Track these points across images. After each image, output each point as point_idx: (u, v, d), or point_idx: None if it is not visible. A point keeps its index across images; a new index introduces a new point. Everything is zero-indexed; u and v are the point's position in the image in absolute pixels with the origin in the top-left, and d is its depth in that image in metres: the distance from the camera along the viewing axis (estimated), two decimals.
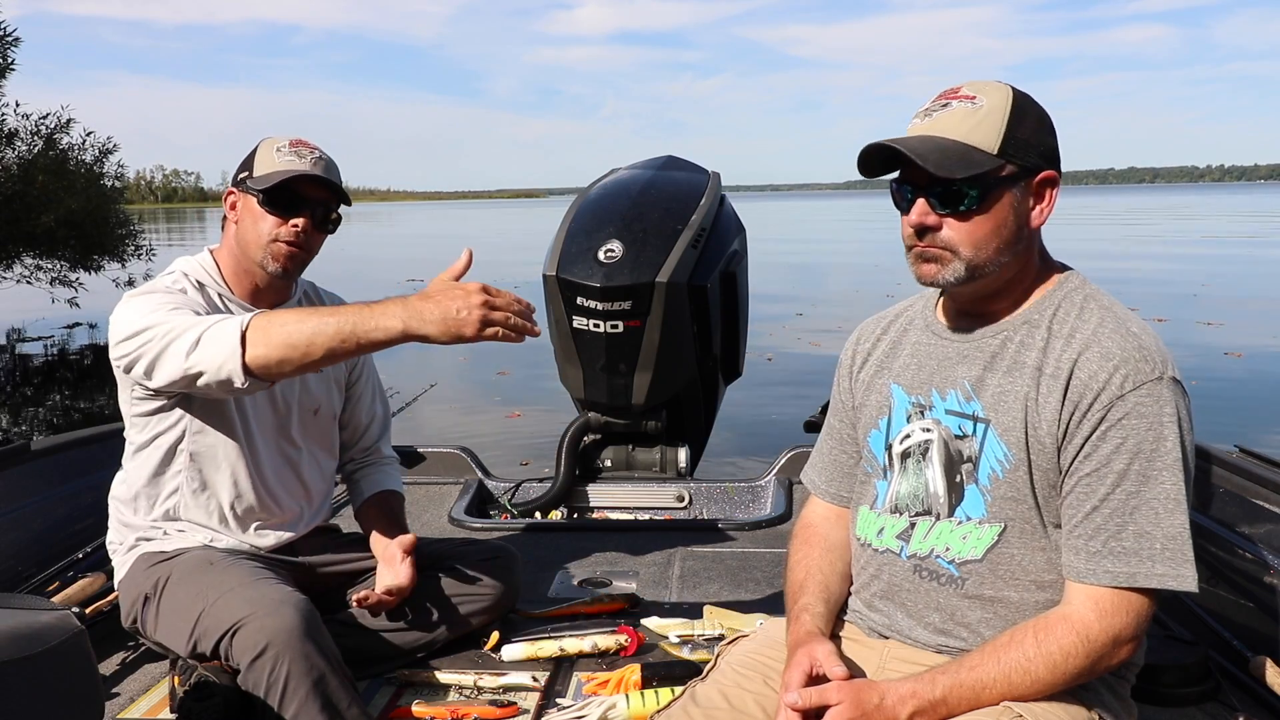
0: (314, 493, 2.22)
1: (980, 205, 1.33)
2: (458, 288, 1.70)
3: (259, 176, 2.00)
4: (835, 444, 1.63)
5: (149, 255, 14.48)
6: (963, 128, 1.33)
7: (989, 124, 1.33)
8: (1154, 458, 1.28)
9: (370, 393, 2.34)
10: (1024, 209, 1.36)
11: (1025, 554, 1.36)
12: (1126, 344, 1.31)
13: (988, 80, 1.38)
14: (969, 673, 1.29)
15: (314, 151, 2.05)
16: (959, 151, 1.32)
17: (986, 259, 1.35)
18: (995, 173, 1.33)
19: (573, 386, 3.50)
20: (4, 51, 12.36)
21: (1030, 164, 1.34)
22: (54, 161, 13.14)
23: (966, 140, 1.32)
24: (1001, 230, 1.35)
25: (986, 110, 1.33)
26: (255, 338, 1.73)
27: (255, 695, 1.71)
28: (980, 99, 1.34)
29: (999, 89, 1.36)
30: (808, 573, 1.55)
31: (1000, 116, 1.33)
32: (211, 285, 2.03)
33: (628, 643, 2.19)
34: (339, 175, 2.10)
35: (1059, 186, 1.37)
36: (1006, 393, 1.36)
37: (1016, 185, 1.34)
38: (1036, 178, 1.36)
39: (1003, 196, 1.34)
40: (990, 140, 1.32)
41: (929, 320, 1.51)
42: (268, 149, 2.04)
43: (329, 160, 2.07)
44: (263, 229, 2.00)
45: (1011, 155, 1.33)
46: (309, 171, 1.99)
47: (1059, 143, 1.39)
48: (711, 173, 3.63)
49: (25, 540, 2.42)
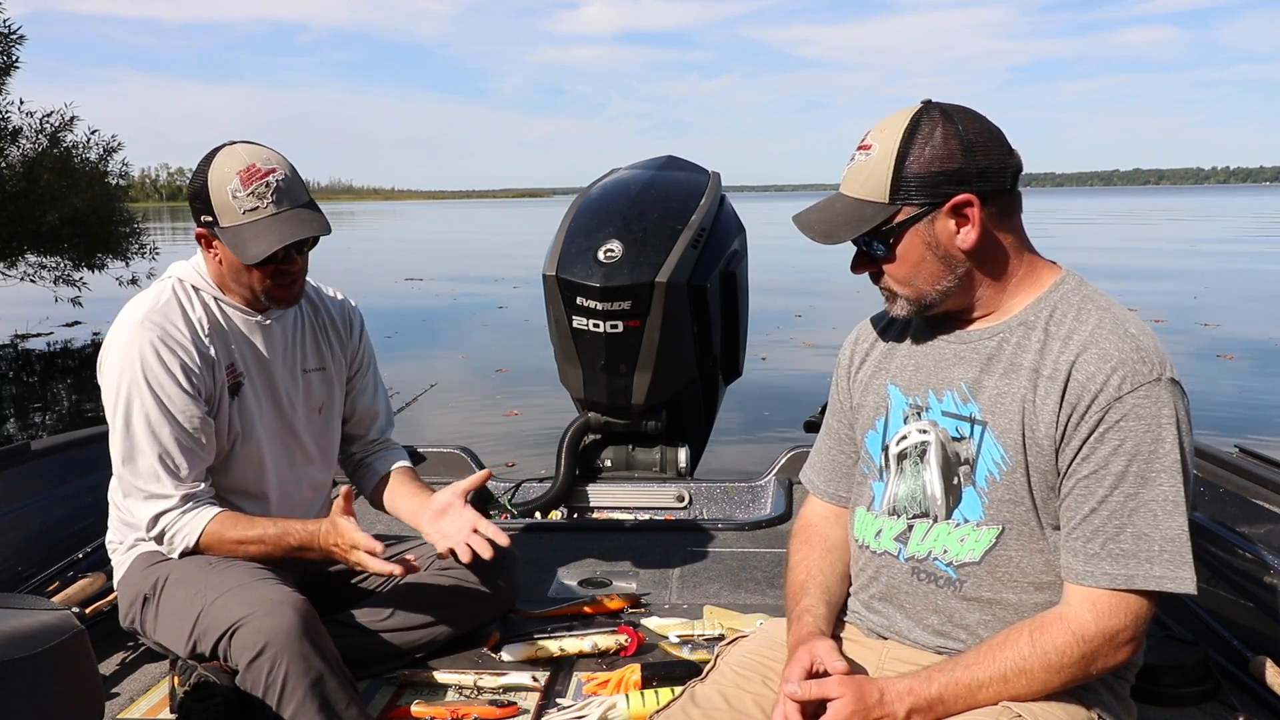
0: (316, 491, 2.23)
1: (888, 253, 1.39)
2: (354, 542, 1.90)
3: (228, 231, 1.90)
4: (834, 444, 1.63)
5: (153, 254, 14.47)
6: (856, 183, 1.39)
7: (877, 173, 1.36)
8: (1152, 459, 1.28)
9: (371, 387, 2.34)
10: (941, 240, 1.37)
11: (1023, 556, 1.36)
12: (1125, 345, 1.31)
13: (897, 114, 1.39)
14: (965, 671, 1.30)
15: (270, 183, 1.88)
16: (849, 212, 1.38)
17: (922, 293, 1.41)
18: (889, 220, 1.36)
19: (573, 386, 3.50)
20: (9, 49, 12.37)
21: (930, 198, 1.35)
22: (58, 159, 13.12)
23: (860, 196, 1.38)
24: (923, 266, 1.38)
25: (875, 160, 1.37)
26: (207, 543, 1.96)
27: (254, 695, 1.72)
28: (874, 148, 1.37)
29: (894, 128, 1.36)
30: (809, 574, 1.55)
31: (887, 164, 1.35)
32: (206, 289, 2.03)
33: (628, 643, 2.19)
34: (302, 184, 1.95)
35: (977, 205, 1.34)
36: (1004, 395, 1.36)
37: (920, 222, 1.36)
38: (946, 205, 1.35)
39: (909, 238, 1.37)
40: (878, 190, 1.36)
41: (926, 321, 1.50)
42: (221, 189, 1.88)
43: (288, 180, 1.91)
44: (254, 279, 1.98)
45: (905, 197, 1.35)
46: (285, 241, 1.88)
47: (994, 145, 1.35)
48: (712, 173, 3.63)
49: (25, 540, 2.42)
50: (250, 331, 2.06)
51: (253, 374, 2.06)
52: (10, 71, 12.56)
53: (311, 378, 2.17)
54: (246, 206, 1.88)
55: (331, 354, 2.22)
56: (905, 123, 1.36)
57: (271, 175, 1.90)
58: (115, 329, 1.97)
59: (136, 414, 1.91)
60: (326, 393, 2.21)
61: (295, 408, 2.14)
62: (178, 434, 1.93)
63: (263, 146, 1.94)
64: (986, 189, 1.35)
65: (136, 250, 14.26)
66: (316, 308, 2.23)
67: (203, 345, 1.97)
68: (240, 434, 2.04)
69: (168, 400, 1.91)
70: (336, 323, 2.25)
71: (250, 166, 1.89)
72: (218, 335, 2.01)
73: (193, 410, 1.94)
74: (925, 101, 1.39)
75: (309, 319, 2.20)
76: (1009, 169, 1.37)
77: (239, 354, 2.04)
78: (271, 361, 2.09)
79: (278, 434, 2.12)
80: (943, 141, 1.34)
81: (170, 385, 1.91)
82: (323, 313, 2.24)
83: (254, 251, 1.88)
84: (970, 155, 1.34)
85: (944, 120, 1.35)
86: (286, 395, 2.12)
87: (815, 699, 1.30)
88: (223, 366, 2.01)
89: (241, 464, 2.05)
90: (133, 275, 13.43)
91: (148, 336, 1.92)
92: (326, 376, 2.21)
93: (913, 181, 1.34)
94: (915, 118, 1.36)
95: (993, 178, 1.35)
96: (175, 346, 1.93)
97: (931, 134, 1.35)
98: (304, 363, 2.16)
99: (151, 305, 1.96)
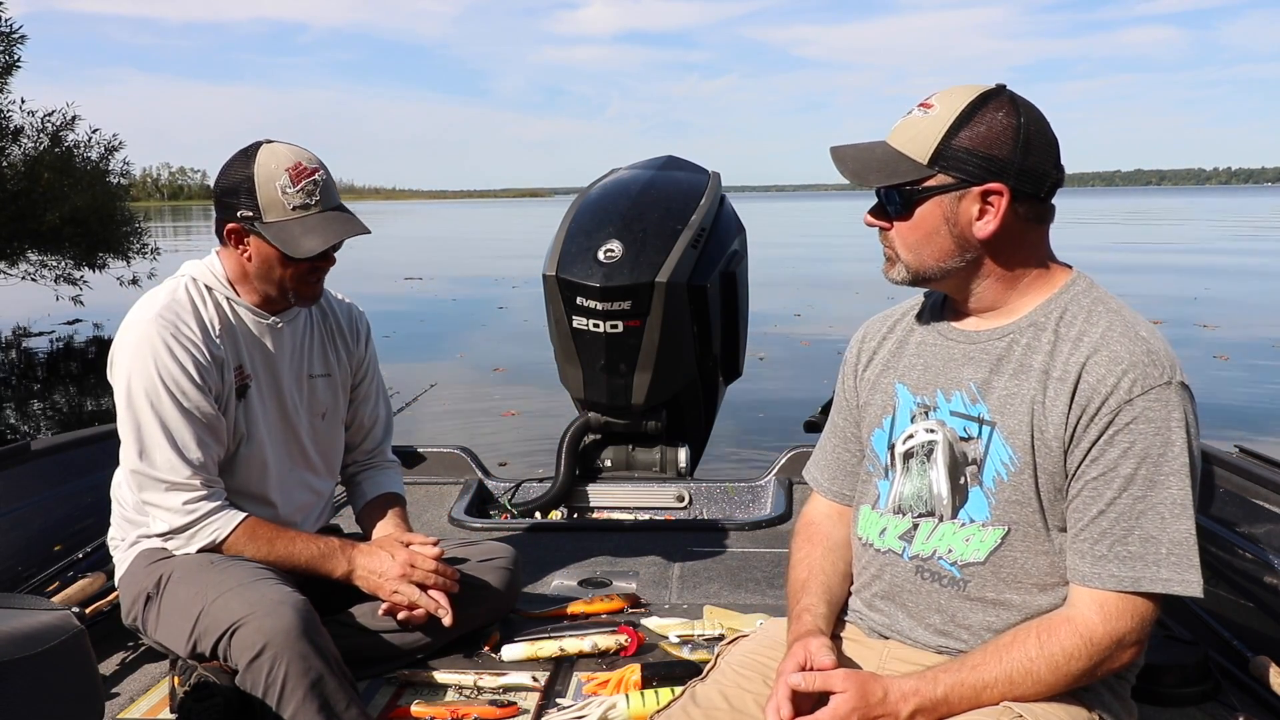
0: (319, 494, 2.24)
1: (905, 212, 1.38)
2: (393, 547, 2.05)
3: (275, 226, 1.93)
4: (839, 442, 1.62)
5: (154, 254, 14.47)
6: (904, 136, 1.37)
7: (927, 134, 1.34)
8: (1161, 462, 1.27)
9: (375, 395, 2.35)
10: (961, 219, 1.35)
11: (1028, 557, 1.36)
12: (1135, 348, 1.30)
13: (970, 86, 1.37)
14: (971, 672, 1.30)
15: (318, 181, 1.96)
16: (885, 160, 1.36)
17: (924, 265, 1.39)
18: (919, 182, 1.35)
19: (573, 386, 3.50)
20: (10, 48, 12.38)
21: (965, 175, 1.33)
22: (59, 159, 13.11)
23: (902, 149, 1.36)
24: (934, 238, 1.37)
25: (931, 120, 1.35)
26: (231, 543, 1.96)
27: (254, 696, 1.71)
28: (935, 108, 1.36)
29: (961, 97, 1.35)
30: (810, 572, 1.55)
31: (940, 126, 1.34)
32: (220, 289, 2.03)
33: (628, 643, 2.19)
34: (336, 189, 2.02)
35: (1006, 198, 1.33)
36: (1013, 396, 1.36)
37: (947, 195, 1.35)
38: (977, 189, 1.34)
39: (930, 205, 1.36)
40: (922, 150, 1.34)
41: (935, 320, 1.50)
42: (270, 185, 1.92)
43: (329, 181, 1.99)
44: (287, 275, 2.00)
45: (943, 165, 1.34)
46: (339, 238, 1.95)
47: (1047, 152, 1.34)
48: (711, 173, 3.63)
49: (25, 540, 2.42)
50: (261, 334, 2.07)
51: (260, 377, 2.07)
52: (12, 71, 12.56)
53: (317, 383, 2.18)
54: (296, 203, 1.93)
55: (338, 360, 2.23)
56: (974, 96, 1.34)
57: (317, 174, 1.97)
58: (127, 326, 1.97)
59: (151, 408, 1.91)
60: (331, 399, 2.22)
61: (299, 412, 2.15)
62: (193, 427, 1.93)
63: (299, 146, 2.00)
64: (1022, 188, 1.34)
65: (137, 250, 14.27)
66: (325, 313, 2.24)
67: (214, 345, 1.98)
68: (245, 436, 2.04)
69: (181, 395, 1.92)
70: (344, 329, 2.26)
71: (298, 165, 1.95)
72: (229, 336, 2.02)
73: (205, 406, 1.94)
74: (1000, 84, 1.38)
75: (318, 324, 2.21)
76: (1049, 179, 1.35)
77: (248, 356, 2.05)
78: (279, 365, 2.10)
79: (280, 438, 2.12)
80: (1001, 127, 1.33)
81: (184, 380, 1.92)
82: (331, 319, 2.24)
83: (308, 246, 1.93)
84: (1020, 151, 1.33)
85: (1010, 108, 1.34)
86: (291, 400, 2.12)
87: (817, 690, 1.30)
88: (232, 367, 2.01)
89: (244, 466, 2.05)
90: (134, 275, 13.43)
91: (161, 333, 1.92)
92: (332, 383, 2.21)
93: (956, 153, 1.33)
94: (985, 95, 1.35)
95: (1032, 180, 1.34)
96: (187, 344, 1.93)
97: (993, 116, 1.33)
98: (310, 368, 2.17)
99: (165, 303, 1.97)
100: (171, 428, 1.92)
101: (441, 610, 2.04)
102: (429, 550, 2.08)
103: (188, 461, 1.93)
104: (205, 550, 1.96)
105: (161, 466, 1.92)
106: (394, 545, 2.08)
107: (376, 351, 2.36)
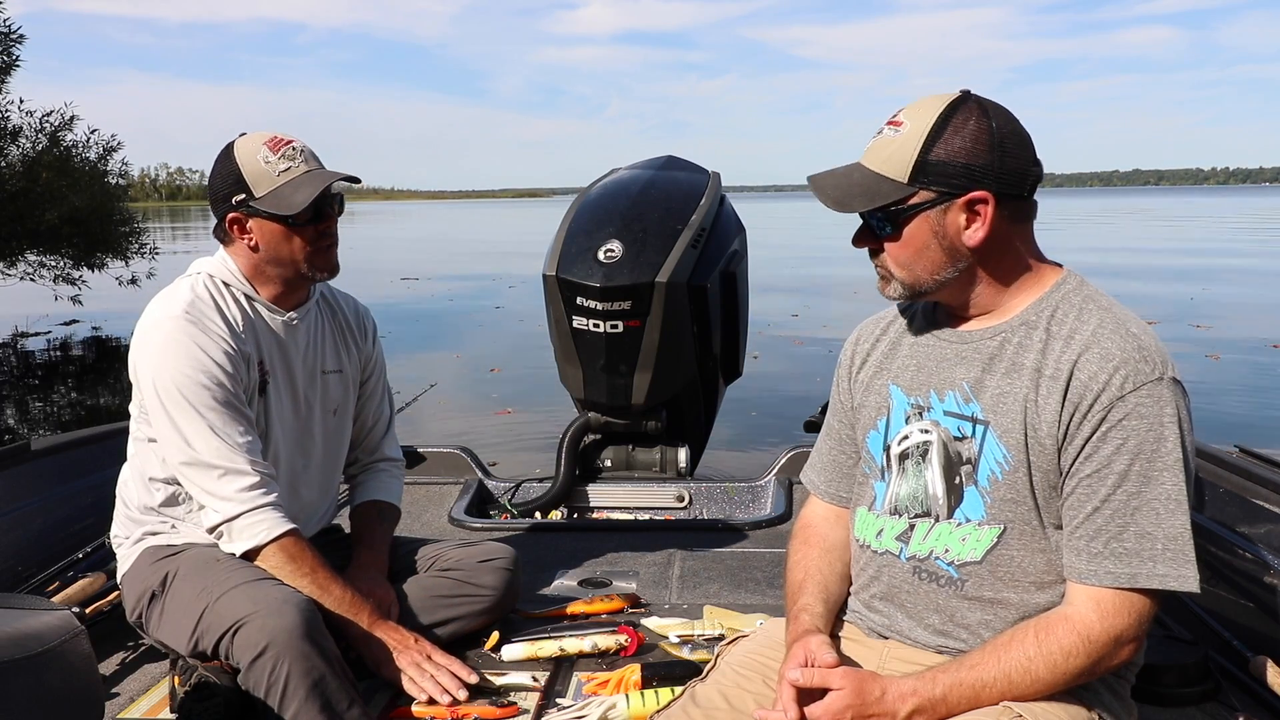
0: (326, 491, 2.25)
1: (893, 233, 1.38)
2: (408, 637, 2.02)
3: (267, 196, 1.97)
4: (834, 444, 1.63)
5: (152, 253, 14.47)
6: (879, 157, 1.37)
7: (903, 151, 1.34)
8: (1155, 458, 1.28)
9: (380, 393, 2.36)
10: (949, 231, 1.36)
11: (1025, 555, 1.36)
12: (1126, 345, 1.31)
13: (934, 97, 1.37)
14: (969, 671, 1.30)
15: (297, 147, 2.02)
16: (866, 184, 1.36)
17: (919, 280, 1.40)
18: (903, 201, 1.35)
19: (573, 386, 3.50)
20: (9, 48, 12.37)
21: (948, 187, 1.33)
22: (58, 159, 13.12)
23: (880, 170, 1.36)
24: (926, 253, 1.37)
25: (904, 137, 1.35)
26: (266, 556, 1.93)
27: (255, 695, 1.71)
28: (905, 125, 1.36)
29: (929, 111, 1.35)
30: (806, 573, 1.55)
31: (915, 142, 1.34)
32: (237, 285, 2.04)
33: (628, 643, 2.19)
34: (319, 160, 2.08)
35: (992, 203, 1.33)
36: (1006, 394, 1.36)
37: (933, 209, 1.35)
38: (961, 199, 1.34)
39: (917, 222, 1.36)
40: (900, 168, 1.35)
41: (927, 321, 1.51)
42: (253, 160, 1.98)
43: (312, 153, 2.05)
44: (296, 246, 2.01)
45: (923, 181, 1.34)
46: (327, 182, 1.99)
47: (1022, 150, 1.34)
48: (711, 173, 3.63)
49: (25, 540, 2.42)
50: (277, 330, 2.08)
51: (277, 373, 2.08)
52: (10, 71, 12.56)
53: (329, 379, 2.19)
54: (280, 169, 1.98)
55: (349, 357, 2.24)
56: (941, 107, 1.34)
57: (295, 143, 2.02)
58: (151, 325, 1.96)
59: (188, 401, 1.90)
60: (342, 395, 2.23)
61: (312, 408, 2.16)
62: (233, 416, 1.93)
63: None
64: (1004, 191, 1.34)
65: (136, 250, 14.26)
66: (334, 310, 2.25)
67: (240, 339, 1.99)
68: (263, 431, 2.04)
69: (218, 386, 1.91)
70: (353, 326, 2.28)
71: (274, 138, 2.01)
72: (250, 332, 2.03)
73: (240, 399, 1.95)
74: (964, 91, 1.37)
75: (328, 321, 2.22)
76: (1030, 177, 1.36)
77: (267, 352, 2.06)
78: (294, 361, 2.11)
79: (294, 434, 2.13)
80: (974, 134, 1.33)
81: (219, 372, 1.92)
82: (340, 315, 2.25)
83: (299, 199, 1.95)
84: (997, 154, 1.33)
85: (979, 113, 1.34)
86: (305, 396, 2.14)
87: (816, 687, 1.30)
88: (255, 363, 2.02)
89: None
90: (132, 275, 13.43)
91: (189, 329, 1.92)
92: (343, 379, 2.23)
93: (934, 168, 1.33)
94: (952, 105, 1.34)
95: (1013, 181, 1.34)
96: (216, 339, 1.94)
97: (964, 125, 1.33)
98: (323, 364, 2.18)
99: (188, 299, 1.97)
100: (211, 418, 1.90)
101: (448, 695, 1.97)
102: (461, 674, 2.00)
103: (234, 446, 1.91)
104: (247, 555, 1.93)
105: (210, 454, 1.90)
106: (423, 644, 2.04)
107: (383, 349, 2.37)
